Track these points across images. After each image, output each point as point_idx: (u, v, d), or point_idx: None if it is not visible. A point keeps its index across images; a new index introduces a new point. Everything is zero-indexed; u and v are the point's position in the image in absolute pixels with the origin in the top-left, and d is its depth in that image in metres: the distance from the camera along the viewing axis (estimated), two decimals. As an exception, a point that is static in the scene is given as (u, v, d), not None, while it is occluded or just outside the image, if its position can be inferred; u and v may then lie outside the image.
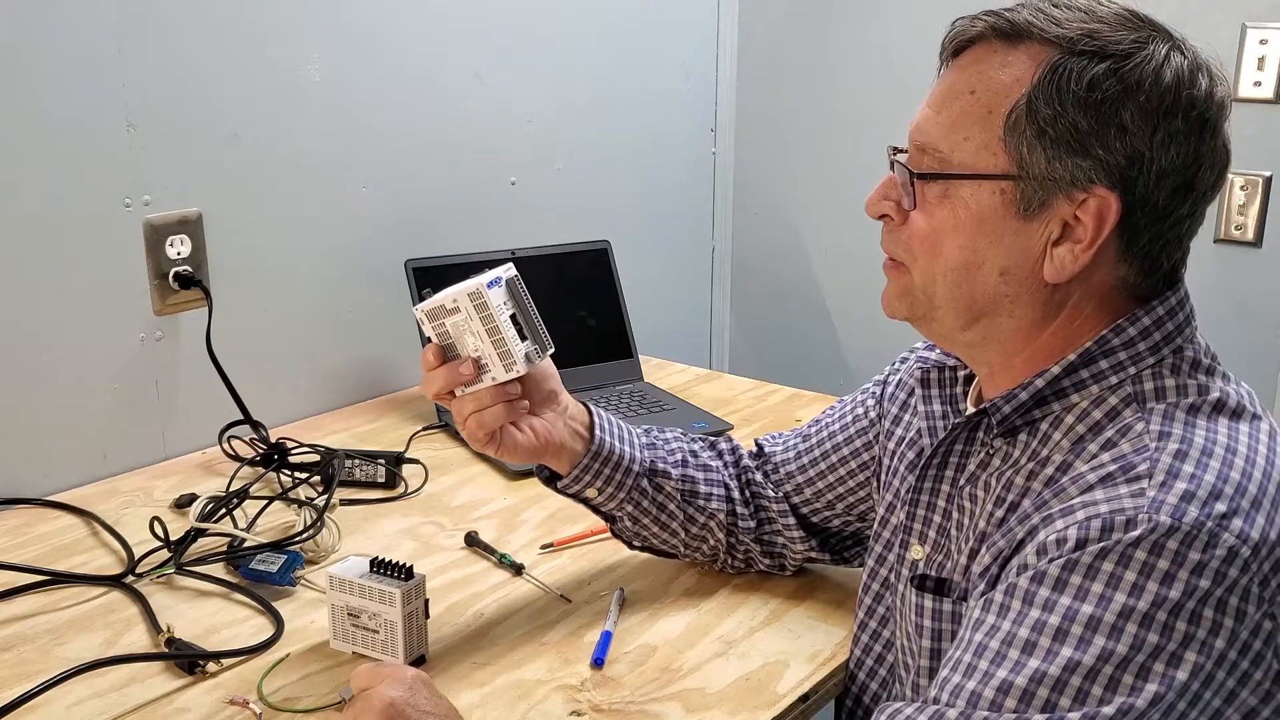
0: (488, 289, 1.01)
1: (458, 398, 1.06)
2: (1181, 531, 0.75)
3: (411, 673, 0.91)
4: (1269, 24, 1.80)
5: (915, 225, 0.89)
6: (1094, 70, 0.82)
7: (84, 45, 1.41)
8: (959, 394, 1.02)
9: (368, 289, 1.78)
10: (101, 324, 1.49)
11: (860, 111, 2.24)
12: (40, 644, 1.11)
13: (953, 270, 0.88)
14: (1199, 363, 0.87)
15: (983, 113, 0.85)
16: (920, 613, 0.96)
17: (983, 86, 0.86)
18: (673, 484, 1.16)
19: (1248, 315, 1.90)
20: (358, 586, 1.06)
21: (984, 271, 0.87)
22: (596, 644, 1.10)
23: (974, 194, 0.86)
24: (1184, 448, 0.80)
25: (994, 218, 0.86)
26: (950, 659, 0.82)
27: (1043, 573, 0.78)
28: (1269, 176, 1.85)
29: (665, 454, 1.18)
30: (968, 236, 0.87)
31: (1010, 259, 0.87)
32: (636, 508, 1.16)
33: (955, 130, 0.87)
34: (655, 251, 2.31)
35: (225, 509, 1.34)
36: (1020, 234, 0.86)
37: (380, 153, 1.77)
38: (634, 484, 1.14)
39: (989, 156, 0.85)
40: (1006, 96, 0.84)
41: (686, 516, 1.18)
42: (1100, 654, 0.75)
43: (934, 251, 0.89)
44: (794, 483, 1.20)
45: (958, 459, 0.97)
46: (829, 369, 2.38)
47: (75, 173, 1.43)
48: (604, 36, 2.10)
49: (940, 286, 0.90)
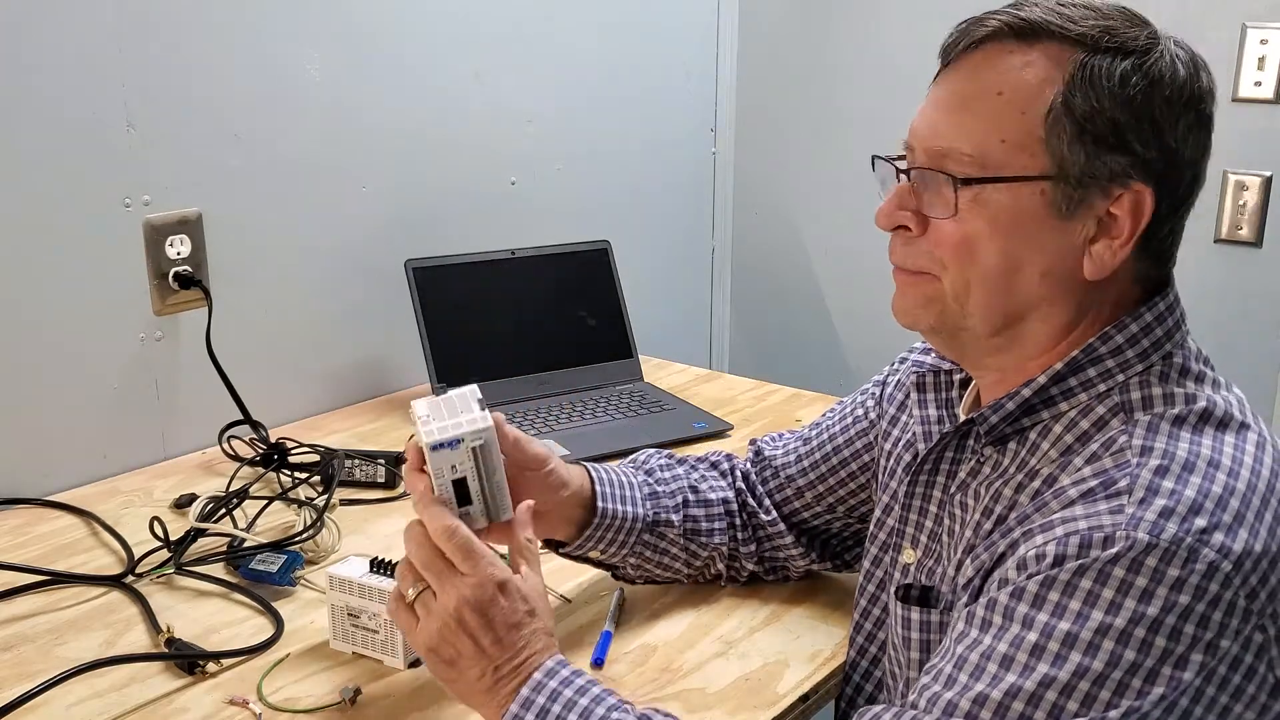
0: (433, 451, 0.92)
1: None
2: (1160, 548, 0.75)
3: (490, 575, 0.89)
4: (1269, 24, 1.80)
5: (944, 232, 0.87)
6: (1122, 66, 0.82)
7: (84, 45, 1.41)
8: (954, 398, 1.02)
9: (368, 289, 1.78)
10: (101, 324, 1.49)
11: (860, 111, 2.24)
12: (40, 644, 1.11)
13: (991, 277, 0.86)
14: (1188, 369, 0.87)
15: (1016, 113, 0.84)
16: (907, 625, 0.96)
17: (1010, 87, 0.84)
18: (675, 531, 1.15)
19: (1248, 315, 1.90)
20: (358, 586, 1.06)
21: (1024, 275, 0.86)
22: (596, 644, 1.10)
23: (1013, 196, 0.84)
24: (1165, 463, 0.79)
25: (1034, 219, 0.84)
26: (931, 666, 0.82)
27: (1021, 589, 0.78)
28: (1269, 176, 1.85)
29: (667, 501, 1.16)
30: (1005, 240, 0.85)
31: (1051, 260, 0.85)
32: (639, 558, 1.15)
33: (987, 132, 0.84)
34: (655, 251, 2.31)
35: (225, 509, 1.34)
36: (1060, 234, 0.85)
37: (380, 153, 1.77)
38: (637, 539, 1.13)
39: (1027, 157, 0.84)
40: (1039, 95, 0.83)
41: (689, 554, 1.17)
42: (1076, 670, 0.74)
43: (968, 258, 0.86)
44: (795, 486, 1.19)
45: (949, 465, 0.96)
46: (829, 369, 2.38)
47: (75, 173, 1.43)
48: (604, 36, 2.10)
49: (976, 294, 0.87)
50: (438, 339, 1.70)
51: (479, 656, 0.89)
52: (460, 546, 0.90)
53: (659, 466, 1.20)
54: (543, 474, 1.05)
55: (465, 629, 0.89)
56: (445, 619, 0.89)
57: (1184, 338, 0.89)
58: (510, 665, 0.89)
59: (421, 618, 0.90)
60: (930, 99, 0.89)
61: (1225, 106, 1.83)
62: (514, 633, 0.90)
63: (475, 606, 0.88)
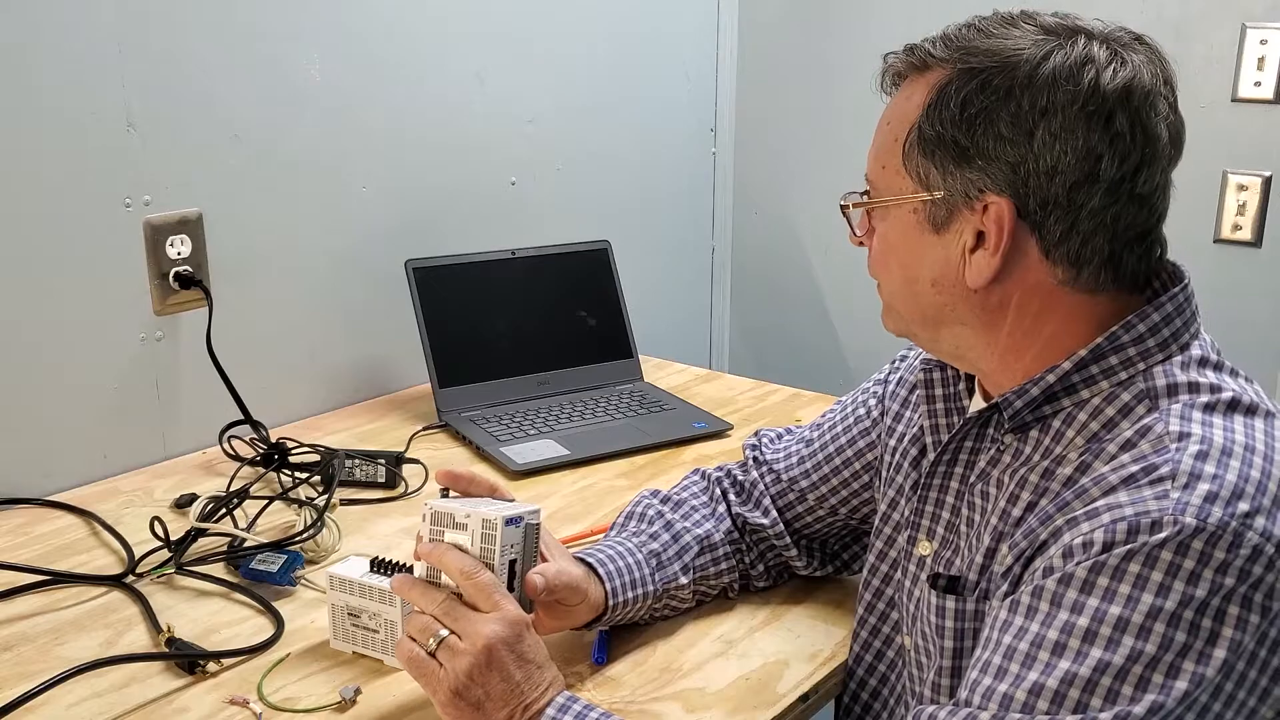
0: (504, 525, 0.94)
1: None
2: (1207, 532, 0.76)
3: (514, 613, 0.92)
4: (1269, 24, 1.80)
5: (870, 250, 0.97)
6: (968, 88, 0.86)
7: (84, 45, 1.41)
8: (961, 391, 1.03)
9: (368, 289, 1.78)
10: (102, 324, 1.49)
11: (860, 112, 2.22)
12: (40, 644, 1.11)
13: (900, 287, 0.95)
14: (1207, 359, 0.88)
15: (891, 141, 0.91)
16: (941, 614, 0.95)
17: (894, 116, 0.92)
18: (687, 590, 1.16)
19: (1248, 315, 1.90)
20: (358, 586, 1.07)
21: (920, 285, 0.93)
22: (594, 644, 1.10)
23: (897, 216, 0.92)
24: (1205, 448, 0.80)
25: (913, 236, 0.92)
26: (979, 660, 0.82)
27: (1070, 575, 0.79)
28: (1269, 176, 1.85)
29: (677, 565, 1.15)
30: (900, 254, 0.93)
31: (935, 270, 0.91)
32: (653, 615, 1.16)
33: (876, 160, 0.94)
34: (655, 251, 2.31)
35: (225, 509, 1.34)
36: (937, 247, 0.90)
37: (380, 153, 1.77)
38: (648, 608, 1.14)
39: (899, 180, 0.91)
40: (905, 123, 0.90)
41: (701, 594, 1.19)
42: (1130, 654, 0.76)
43: (885, 272, 0.96)
44: (798, 489, 1.19)
45: (968, 455, 0.97)
46: (829, 369, 2.38)
47: (75, 173, 1.43)
48: (604, 37, 2.10)
49: (899, 303, 0.96)
50: (438, 339, 1.70)
51: (509, 695, 0.90)
52: (482, 586, 0.92)
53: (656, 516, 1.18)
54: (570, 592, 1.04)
55: (496, 665, 0.89)
56: (475, 658, 0.89)
57: (1199, 329, 0.90)
58: (538, 705, 0.91)
59: (446, 662, 0.90)
60: None
61: (1225, 106, 1.85)
62: (538, 671, 0.92)
63: (506, 642, 0.90)
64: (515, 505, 0.98)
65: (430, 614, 0.93)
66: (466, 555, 0.93)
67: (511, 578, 0.95)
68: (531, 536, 0.97)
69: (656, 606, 1.14)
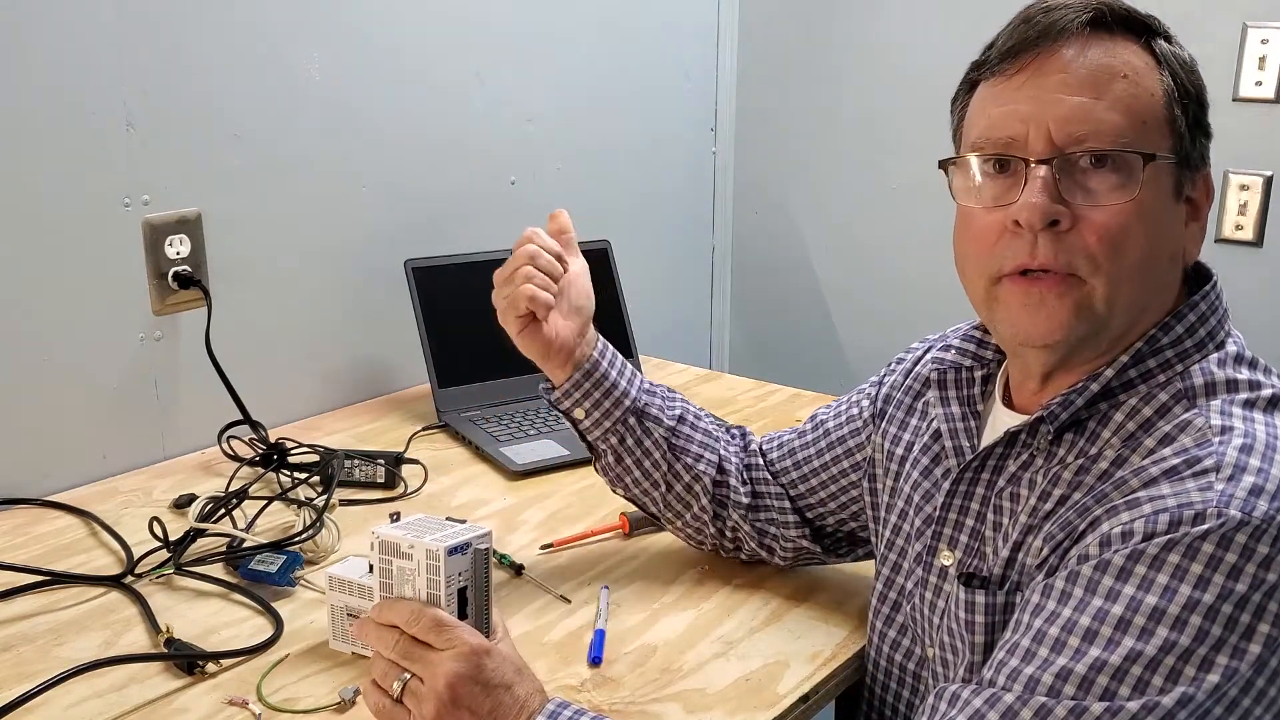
0: (447, 556, 0.91)
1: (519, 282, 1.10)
2: (1251, 525, 0.75)
3: (469, 643, 0.88)
4: (1269, 24, 1.80)
5: (1095, 222, 0.83)
6: (1182, 51, 0.86)
7: (84, 45, 1.41)
8: (976, 395, 1.02)
9: (368, 289, 1.78)
10: (101, 324, 1.49)
11: (860, 111, 2.24)
12: (40, 644, 1.11)
13: (1139, 265, 0.84)
14: (1241, 356, 0.88)
15: (1146, 95, 0.84)
16: (971, 609, 0.93)
17: (1131, 71, 0.84)
18: (661, 432, 1.16)
19: (1248, 315, 1.89)
20: (357, 586, 1.06)
21: (1159, 263, 0.86)
22: (591, 643, 1.10)
23: (1154, 180, 0.83)
24: (1248, 442, 0.79)
25: (1166, 203, 0.85)
26: (1007, 643, 0.81)
27: (1107, 562, 0.78)
28: (1269, 176, 1.85)
29: (664, 404, 1.18)
30: (1149, 224, 0.84)
31: (1174, 245, 0.88)
32: (620, 443, 1.16)
33: (1129, 113, 0.83)
34: (655, 251, 2.31)
35: (225, 509, 1.34)
36: (1176, 217, 0.87)
37: (380, 153, 1.77)
38: (621, 417, 1.15)
39: (1160, 139, 0.84)
40: (1152, 79, 0.84)
41: (670, 471, 1.17)
42: (1163, 645, 0.74)
43: (1119, 252, 0.83)
44: (789, 478, 1.20)
45: (996, 461, 0.95)
46: (829, 369, 2.38)
47: (75, 172, 1.43)
48: (604, 36, 2.10)
49: (1125, 291, 0.84)
50: (438, 339, 1.70)
51: None
52: (430, 625, 0.89)
53: (682, 399, 1.22)
54: (579, 308, 1.14)
55: (463, 701, 0.87)
56: (439, 699, 0.87)
57: (1231, 326, 0.90)
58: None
59: (413, 708, 0.89)
60: (1038, 87, 0.84)
61: (1225, 106, 1.85)
62: (508, 693, 0.89)
63: (465, 677, 0.87)
64: (464, 530, 0.95)
65: (388, 659, 0.90)
66: (403, 603, 0.91)
67: (463, 604, 0.93)
68: (480, 561, 0.94)
69: (629, 430, 1.16)
